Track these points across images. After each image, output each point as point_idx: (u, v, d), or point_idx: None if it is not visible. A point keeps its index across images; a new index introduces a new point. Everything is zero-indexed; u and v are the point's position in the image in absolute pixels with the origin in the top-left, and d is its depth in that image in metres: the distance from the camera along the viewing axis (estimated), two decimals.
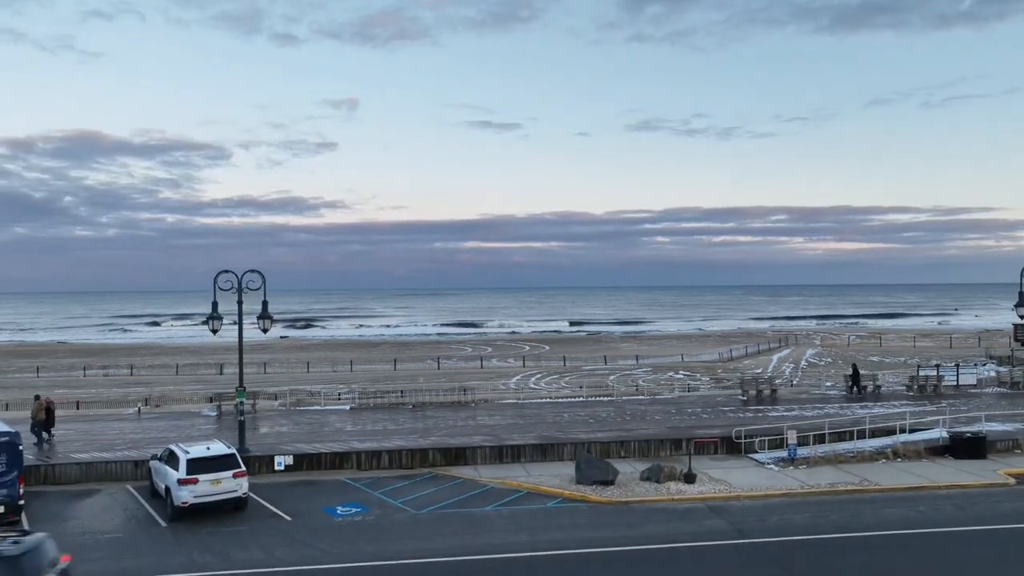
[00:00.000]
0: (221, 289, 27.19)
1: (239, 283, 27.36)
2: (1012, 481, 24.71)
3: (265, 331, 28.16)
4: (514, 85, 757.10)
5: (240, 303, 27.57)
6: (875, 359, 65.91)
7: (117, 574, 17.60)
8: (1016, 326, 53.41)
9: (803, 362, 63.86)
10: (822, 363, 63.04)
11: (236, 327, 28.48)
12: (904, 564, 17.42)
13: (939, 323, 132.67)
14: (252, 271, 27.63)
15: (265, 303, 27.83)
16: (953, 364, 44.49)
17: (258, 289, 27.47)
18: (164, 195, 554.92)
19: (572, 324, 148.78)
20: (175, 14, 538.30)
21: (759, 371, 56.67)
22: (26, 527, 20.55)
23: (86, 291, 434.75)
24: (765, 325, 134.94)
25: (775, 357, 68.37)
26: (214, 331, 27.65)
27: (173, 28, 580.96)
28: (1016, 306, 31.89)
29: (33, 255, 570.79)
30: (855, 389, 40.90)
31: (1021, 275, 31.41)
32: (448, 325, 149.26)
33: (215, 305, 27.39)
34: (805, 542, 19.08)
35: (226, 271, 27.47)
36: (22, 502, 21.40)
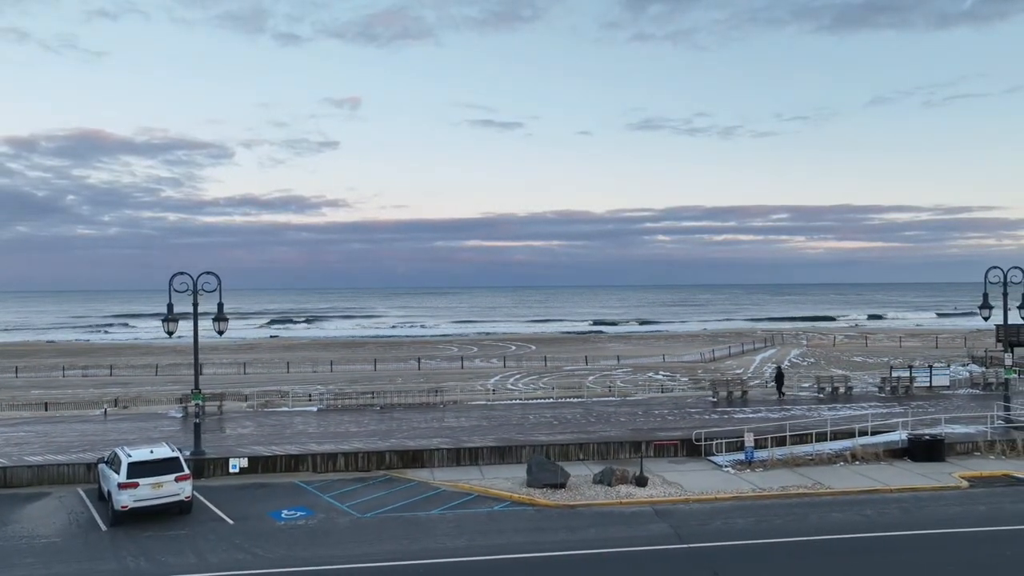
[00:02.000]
0: (176, 291, 27.08)
1: (194, 285, 27.29)
2: (965, 484, 24.56)
3: (221, 333, 28.05)
4: (516, 84, 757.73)
5: (196, 304, 27.51)
6: (859, 359, 65.80)
7: None
8: (998, 326, 53.07)
9: (786, 362, 63.57)
10: (805, 363, 62.82)
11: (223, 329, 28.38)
12: (837, 569, 17.28)
13: (917, 324, 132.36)
14: (208, 273, 27.54)
15: (220, 305, 27.76)
16: (927, 365, 44.20)
17: (213, 291, 27.38)
18: (166, 194, 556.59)
19: (596, 323, 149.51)
20: (179, 14, 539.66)
21: (740, 371, 56.53)
22: None
23: (87, 290, 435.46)
24: (759, 324, 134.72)
25: (758, 358, 68.18)
26: (169, 333, 27.52)
27: (177, 28, 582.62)
28: (980, 307, 31.70)
29: (35, 254, 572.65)
30: (779, 393, 40.54)
31: (985, 276, 31.17)
32: (443, 324, 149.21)
33: (170, 307, 27.23)
34: (742, 547, 18.93)
35: (181, 273, 27.39)
36: None
